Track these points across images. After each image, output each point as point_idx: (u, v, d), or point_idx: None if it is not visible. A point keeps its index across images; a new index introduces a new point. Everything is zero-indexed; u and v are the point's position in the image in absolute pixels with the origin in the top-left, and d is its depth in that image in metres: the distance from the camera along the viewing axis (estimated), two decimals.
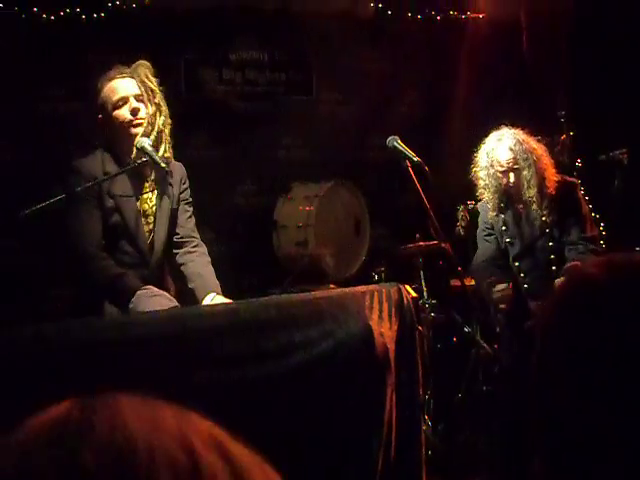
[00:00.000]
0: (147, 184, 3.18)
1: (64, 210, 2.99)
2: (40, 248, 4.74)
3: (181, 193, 3.29)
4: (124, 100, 3.11)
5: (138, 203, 3.15)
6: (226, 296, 3.10)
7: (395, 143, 3.43)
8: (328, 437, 2.53)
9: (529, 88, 5.98)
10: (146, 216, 3.18)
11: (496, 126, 4.15)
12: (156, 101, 3.15)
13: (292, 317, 2.58)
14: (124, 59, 5.30)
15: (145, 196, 3.17)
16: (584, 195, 4.27)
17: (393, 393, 2.69)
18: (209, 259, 3.33)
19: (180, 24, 5.48)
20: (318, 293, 2.97)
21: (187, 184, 3.34)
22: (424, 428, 3.00)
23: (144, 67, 3.19)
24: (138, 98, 3.12)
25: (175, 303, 2.90)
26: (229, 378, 2.39)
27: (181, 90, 5.64)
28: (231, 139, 5.78)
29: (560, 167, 4.93)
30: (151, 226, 3.18)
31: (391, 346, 2.72)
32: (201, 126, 5.69)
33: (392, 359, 2.70)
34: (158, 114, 3.14)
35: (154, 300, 2.82)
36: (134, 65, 3.21)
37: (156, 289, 2.91)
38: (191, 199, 3.36)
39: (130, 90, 3.13)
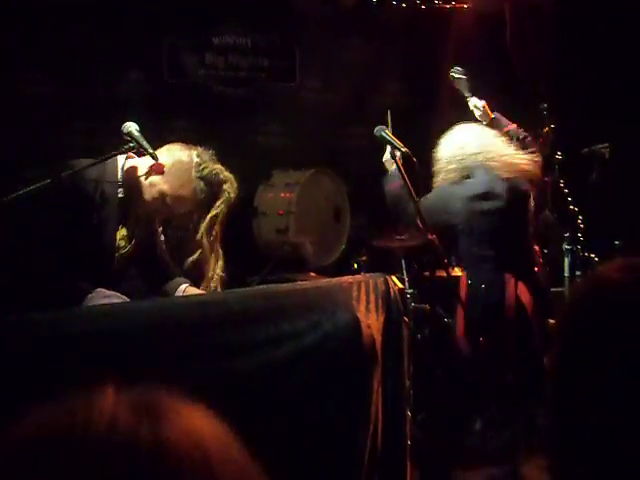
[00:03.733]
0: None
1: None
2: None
3: None
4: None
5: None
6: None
7: (383, 133, 3.42)
8: (315, 429, 2.53)
9: (512, 80, 5.98)
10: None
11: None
12: None
13: (281, 308, 2.57)
14: (106, 42, 5.23)
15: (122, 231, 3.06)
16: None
17: (379, 385, 2.69)
18: None
19: (162, 8, 5.41)
20: (306, 283, 2.96)
21: None
22: None
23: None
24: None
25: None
26: (218, 369, 2.37)
27: (163, 74, 5.58)
28: (212, 124, 5.72)
29: (543, 160, 4.97)
30: (122, 252, 3.06)
31: (378, 338, 2.71)
32: (182, 111, 5.64)
33: (379, 351, 2.70)
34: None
35: (107, 302, 2.71)
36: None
37: (107, 291, 2.78)
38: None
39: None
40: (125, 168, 3.01)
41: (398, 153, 3.41)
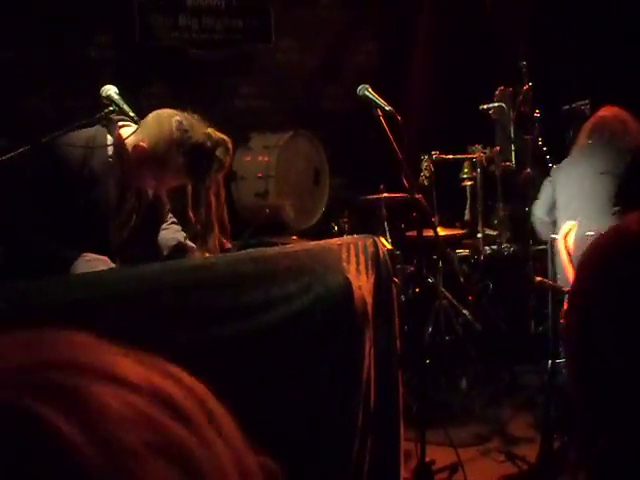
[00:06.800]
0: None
1: None
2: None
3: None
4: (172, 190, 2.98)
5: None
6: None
7: (366, 92, 3.34)
8: (308, 392, 2.51)
9: (491, 38, 5.94)
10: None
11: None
12: None
13: (271, 271, 2.53)
14: (75, 3, 5.08)
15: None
16: None
17: (371, 346, 2.67)
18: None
19: None
20: (295, 246, 2.92)
21: None
22: None
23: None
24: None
25: (113, 266, 2.76)
26: (208, 335, 2.34)
27: (135, 37, 5.46)
28: (186, 88, 5.63)
29: (521, 118, 4.96)
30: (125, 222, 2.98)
31: (369, 299, 2.69)
32: (155, 74, 5.54)
33: (370, 312, 2.68)
34: None
35: (92, 265, 2.66)
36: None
37: (93, 255, 2.71)
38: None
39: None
40: (115, 140, 2.91)
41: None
